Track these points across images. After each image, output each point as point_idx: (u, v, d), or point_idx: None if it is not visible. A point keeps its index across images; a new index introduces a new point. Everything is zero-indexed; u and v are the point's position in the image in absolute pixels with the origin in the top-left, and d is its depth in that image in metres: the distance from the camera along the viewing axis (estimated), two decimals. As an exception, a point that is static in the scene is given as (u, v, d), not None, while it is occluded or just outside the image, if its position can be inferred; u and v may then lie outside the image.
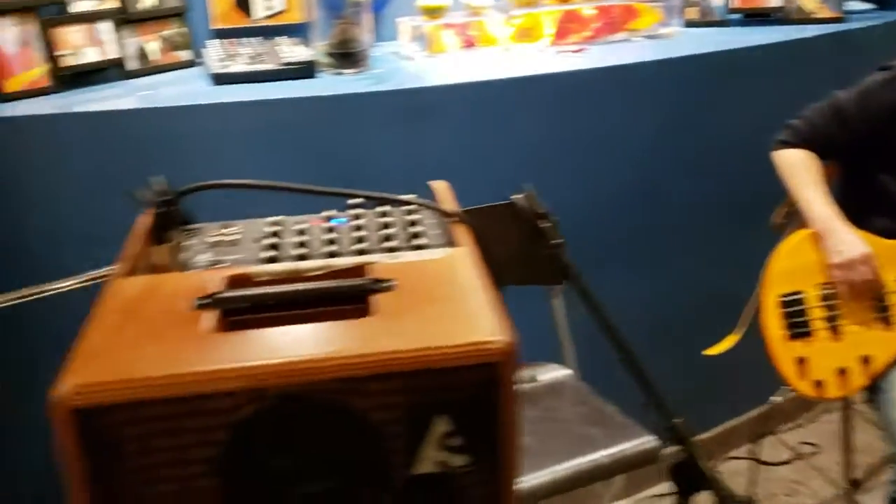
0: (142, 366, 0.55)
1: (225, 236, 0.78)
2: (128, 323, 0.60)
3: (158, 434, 0.55)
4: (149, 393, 0.54)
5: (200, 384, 0.55)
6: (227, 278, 0.66)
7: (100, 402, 0.53)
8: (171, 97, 1.65)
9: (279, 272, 0.67)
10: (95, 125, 1.58)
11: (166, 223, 0.70)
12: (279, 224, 0.80)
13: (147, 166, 1.62)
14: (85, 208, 1.62)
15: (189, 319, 0.61)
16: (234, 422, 0.57)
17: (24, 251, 1.62)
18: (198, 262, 0.72)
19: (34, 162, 1.58)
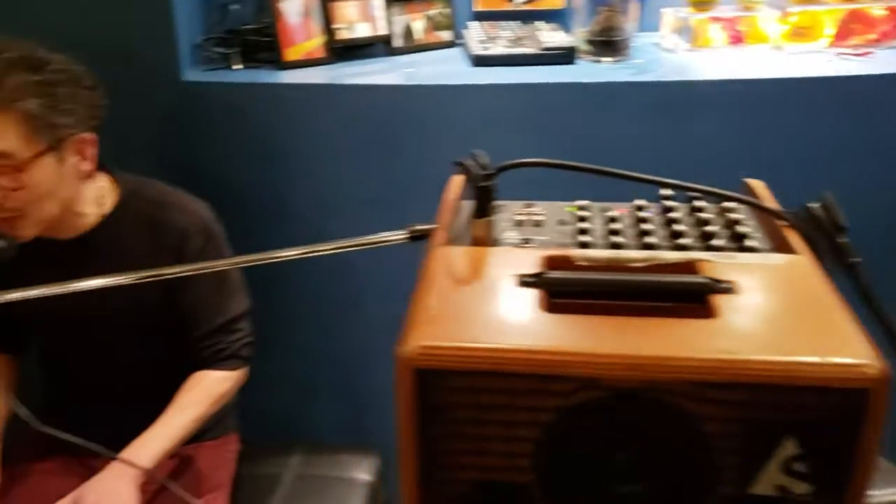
0: (482, 336, 0.55)
1: (529, 216, 0.76)
2: (460, 291, 0.60)
3: (491, 406, 0.55)
4: (490, 364, 0.53)
5: (540, 364, 0.53)
6: (545, 258, 0.65)
7: (442, 366, 0.53)
8: (434, 76, 1.69)
9: (600, 259, 0.64)
10: (363, 97, 1.65)
11: (484, 197, 0.70)
12: (586, 209, 0.77)
13: (405, 140, 1.69)
14: (348, 174, 1.70)
15: (517, 296, 0.60)
16: (564, 407, 0.55)
17: (289, 215, 1.73)
18: (507, 239, 0.71)
19: (306, 128, 1.68)
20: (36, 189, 1.22)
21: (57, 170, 1.24)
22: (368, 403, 1.93)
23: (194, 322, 1.42)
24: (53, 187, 1.25)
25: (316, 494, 1.57)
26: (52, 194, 1.25)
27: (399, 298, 1.91)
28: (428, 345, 0.53)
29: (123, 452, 1.29)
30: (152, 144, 1.68)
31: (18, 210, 1.23)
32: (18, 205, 1.22)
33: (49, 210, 1.27)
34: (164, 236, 1.37)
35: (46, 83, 1.20)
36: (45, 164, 1.22)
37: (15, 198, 1.21)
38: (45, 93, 1.19)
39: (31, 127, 1.19)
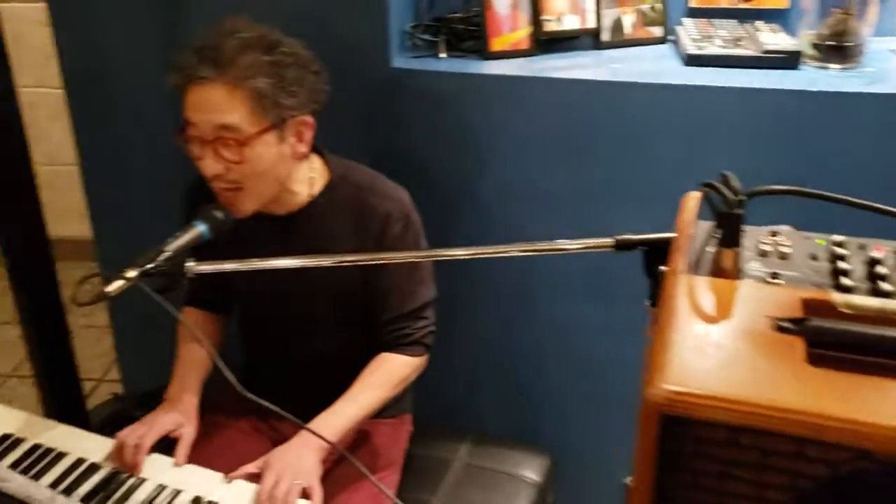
0: (737, 387, 0.51)
1: (775, 245, 0.71)
2: (709, 331, 0.56)
3: (739, 463, 0.51)
4: (745, 419, 0.50)
5: (803, 426, 0.49)
6: (803, 301, 0.59)
7: (692, 415, 0.50)
8: (642, 73, 1.62)
9: (869, 308, 0.58)
10: (567, 92, 1.62)
11: (733, 225, 0.65)
12: (841, 245, 0.70)
13: (606, 139, 1.64)
14: (541, 169, 1.68)
15: (774, 342, 0.55)
16: (827, 475, 0.50)
17: (478, 206, 1.74)
18: (752, 271, 0.66)
19: (505, 120, 1.66)
20: (256, 164, 1.28)
21: (277, 148, 1.30)
22: (538, 403, 1.91)
23: (385, 305, 1.45)
24: (272, 165, 1.30)
25: (483, 486, 1.57)
26: (270, 171, 1.31)
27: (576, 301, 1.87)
28: (678, 391, 0.50)
29: (310, 424, 1.34)
30: (357, 128, 1.72)
31: (238, 183, 1.29)
32: (238, 178, 1.29)
33: (266, 187, 1.33)
34: (367, 220, 1.41)
35: (277, 64, 1.25)
36: (267, 142, 1.28)
37: (236, 170, 1.28)
38: (274, 73, 1.25)
39: (259, 104, 1.24)
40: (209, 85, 1.23)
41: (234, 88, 1.23)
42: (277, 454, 1.31)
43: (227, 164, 1.27)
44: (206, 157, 1.27)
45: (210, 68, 1.22)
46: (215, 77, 1.23)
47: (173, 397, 1.45)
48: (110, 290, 1.10)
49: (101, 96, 1.91)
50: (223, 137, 1.25)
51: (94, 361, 2.81)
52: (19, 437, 1.38)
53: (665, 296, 0.59)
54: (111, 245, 2.07)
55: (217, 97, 1.23)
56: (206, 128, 1.25)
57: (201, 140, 1.27)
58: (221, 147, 1.26)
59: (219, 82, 1.23)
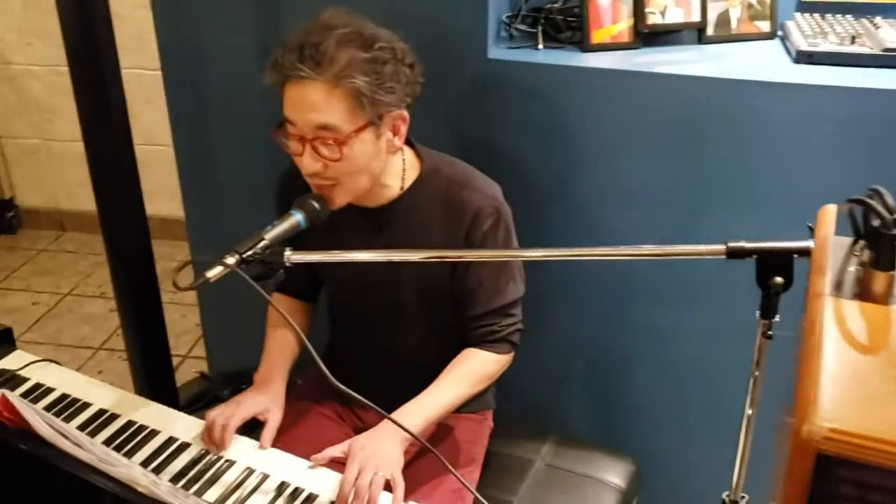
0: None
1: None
2: (867, 363, 0.52)
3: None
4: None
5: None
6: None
7: (854, 457, 0.46)
8: (750, 70, 1.56)
9: None
10: (668, 88, 1.56)
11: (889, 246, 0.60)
12: None
13: (708, 138, 1.58)
14: (639, 167, 1.63)
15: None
16: None
17: (571, 203, 1.70)
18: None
19: (603, 115, 1.62)
20: (354, 162, 1.28)
21: (374, 144, 1.29)
22: (624, 406, 1.86)
23: (473, 301, 1.43)
24: (369, 161, 1.30)
25: (565, 489, 1.55)
26: (366, 167, 1.31)
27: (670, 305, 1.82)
28: (838, 429, 0.46)
29: (394, 415, 1.34)
30: (450, 120, 1.70)
31: (335, 179, 1.30)
32: (336, 175, 1.29)
33: (362, 182, 1.33)
34: (457, 214, 1.39)
35: (375, 61, 1.24)
36: (365, 139, 1.27)
37: (334, 168, 1.28)
38: (372, 70, 1.23)
39: (357, 103, 1.23)
40: (308, 84, 1.22)
41: (333, 87, 1.22)
42: (361, 442, 1.31)
43: (325, 161, 1.27)
44: (305, 154, 1.27)
45: (308, 67, 1.21)
46: (314, 76, 1.22)
47: (262, 380, 1.47)
48: (210, 275, 1.12)
49: (197, 80, 1.94)
50: (322, 136, 1.25)
51: (178, 338, 2.89)
52: (115, 412, 1.41)
53: (810, 320, 0.55)
54: (200, 226, 2.11)
55: (315, 96, 1.22)
56: (304, 127, 1.25)
57: (300, 138, 1.27)
58: (320, 145, 1.26)
59: (318, 81, 1.22)
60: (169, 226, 3.47)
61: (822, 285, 0.60)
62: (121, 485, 0.80)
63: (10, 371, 1.48)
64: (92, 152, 1.61)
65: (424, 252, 1.27)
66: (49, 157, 3.59)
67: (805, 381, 0.49)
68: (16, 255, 3.56)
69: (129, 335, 1.80)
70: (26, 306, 3.17)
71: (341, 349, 1.62)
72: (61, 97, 3.41)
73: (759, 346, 1.01)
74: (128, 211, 1.66)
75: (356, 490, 1.22)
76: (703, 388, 1.74)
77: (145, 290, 1.75)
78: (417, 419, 1.36)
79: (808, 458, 0.47)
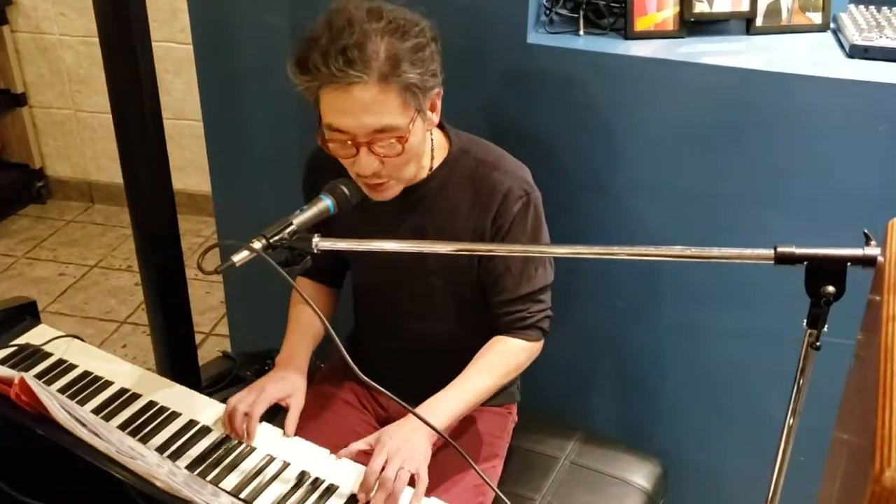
0: None
1: None
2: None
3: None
4: None
5: None
6: None
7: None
8: (800, 63, 1.49)
9: None
10: (714, 79, 1.51)
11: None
12: None
13: (753, 133, 1.51)
14: (679, 161, 1.58)
15: None
16: None
17: (606, 194, 1.65)
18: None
19: (643, 105, 1.57)
20: (410, 153, 1.24)
21: (423, 130, 1.26)
22: (652, 406, 1.82)
23: (502, 287, 1.40)
24: (421, 147, 1.27)
25: (590, 488, 1.51)
26: (417, 154, 1.27)
27: (703, 305, 1.77)
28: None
29: (421, 407, 1.31)
30: (485, 105, 1.66)
31: (390, 175, 1.26)
32: (392, 170, 1.25)
33: (412, 169, 1.30)
34: (486, 196, 1.35)
35: (417, 49, 1.18)
36: (417, 128, 1.23)
37: (391, 164, 1.24)
38: (418, 60, 1.18)
39: (409, 95, 1.19)
40: (357, 87, 1.16)
41: (384, 87, 1.16)
42: (389, 434, 1.28)
43: (382, 159, 1.23)
44: (361, 156, 1.22)
45: (358, 70, 1.14)
46: (364, 78, 1.15)
47: (283, 364, 1.45)
48: (236, 260, 1.09)
49: (228, 56, 1.91)
50: (379, 138, 1.20)
51: (203, 315, 2.89)
52: (136, 392, 1.40)
53: (886, 347, 0.51)
54: (228, 205, 2.08)
55: (367, 99, 1.16)
56: (358, 131, 1.20)
57: (354, 141, 1.21)
58: (377, 146, 1.21)
59: (368, 83, 1.15)
60: (196, 201, 3.47)
61: (892, 308, 0.55)
62: (138, 477, 0.78)
63: (33, 346, 1.48)
64: (120, 124, 1.59)
65: (453, 244, 1.24)
66: (79, 128, 3.59)
67: (884, 418, 0.44)
68: (44, 225, 3.58)
69: (153, 310, 1.79)
70: (53, 277, 3.18)
71: (365, 335, 1.60)
72: (92, 68, 3.40)
73: (804, 356, 0.96)
74: (155, 185, 1.64)
75: (381, 481, 1.20)
76: (734, 391, 1.70)
77: (170, 266, 1.73)
78: (446, 412, 1.33)
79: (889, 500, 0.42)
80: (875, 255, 0.85)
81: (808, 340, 0.94)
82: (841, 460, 0.60)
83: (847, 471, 0.56)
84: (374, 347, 1.56)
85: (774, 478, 1.03)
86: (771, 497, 1.04)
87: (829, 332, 0.96)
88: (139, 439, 1.28)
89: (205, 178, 2.18)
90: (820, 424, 1.05)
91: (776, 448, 1.03)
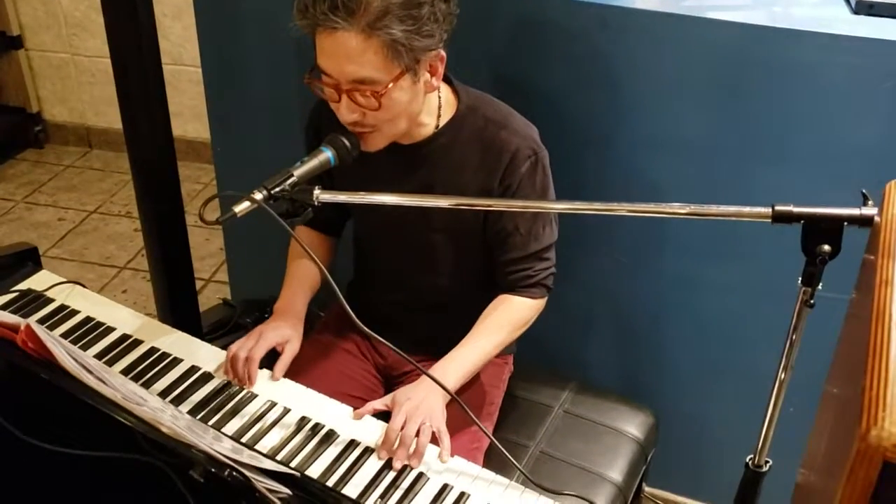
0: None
1: None
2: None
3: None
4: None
5: None
6: None
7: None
8: (805, 19, 1.48)
9: None
10: (719, 35, 1.49)
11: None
12: None
13: (755, 89, 1.51)
14: (682, 116, 1.58)
15: None
16: None
17: (610, 149, 1.65)
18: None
19: (647, 60, 1.56)
20: (392, 109, 1.23)
21: (412, 89, 1.24)
22: (646, 359, 1.85)
23: (509, 245, 1.40)
24: (407, 105, 1.26)
25: (583, 437, 1.55)
26: (404, 112, 1.27)
27: (698, 260, 1.77)
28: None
29: (433, 369, 1.33)
30: (488, 58, 1.64)
31: (374, 126, 1.26)
32: (374, 122, 1.25)
33: (400, 125, 1.29)
34: (494, 154, 1.35)
35: (409, 5, 1.16)
36: (402, 86, 1.22)
37: (372, 116, 1.24)
38: (408, 16, 1.16)
39: (394, 52, 1.17)
40: (341, 34, 1.15)
41: (367, 38, 1.15)
42: (405, 394, 1.29)
43: (363, 110, 1.23)
44: (342, 104, 1.23)
45: (341, 17, 1.14)
46: (347, 26, 1.15)
47: (281, 310, 1.47)
48: (238, 210, 1.10)
49: (227, 2, 1.88)
50: (359, 88, 1.20)
51: (202, 261, 2.90)
52: (138, 338, 1.42)
53: (878, 310, 0.52)
54: (226, 149, 2.08)
55: (350, 47, 1.16)
56: (340, 77, 1.20)
57: (336, 86, 1.22)
58: (357, 96, 1.21)
59: (352, 32, 1.15)
60: (195, 148, 3.46)
61: (893, 271, 0.56)
62: (144, 423, 0.80)
63: (35, 291, 1.49)
64: (118, 68, 1.57)
65: (454, 199, 1.24)
66: (77, 73, 3.56)
67: (873, 379, 0.46)
68: (42, 169, 3.57)
69: (154, 258, 1.80)
70: (52, 221, 3.19)
71: (365, 286, 1.61)
72: (89, 11, 3.35)
73: (797, 313, 0.98)
74: (154, 130, 1.63)
75: (402, 438, 1.22)
76: (728, 345, 1.72)
77: (171, 214, 1.73)
78: (458, 372, 1.35)
79: (874, 464, 0.44)
80: (872, 216, 0.86)
81: (802, 298, 0.95)
82: (830, 416, 0.61)
83: (835, 427, 0.57)
84: (374, 299, 1.57)
85: (763, 432, 1.06)
86: (760, 449, 1.07)
87: (821, 287, 0.97)
88: (141, 385, 1.30)
89: (203, 125, 2.17)
90: (808, 376, 1.07)
91: (767, 401, 1.05)
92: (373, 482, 1.18)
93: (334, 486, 1.16)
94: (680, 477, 1.91)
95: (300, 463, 1.20)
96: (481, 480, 1.20)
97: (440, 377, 1.27)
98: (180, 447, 0.79)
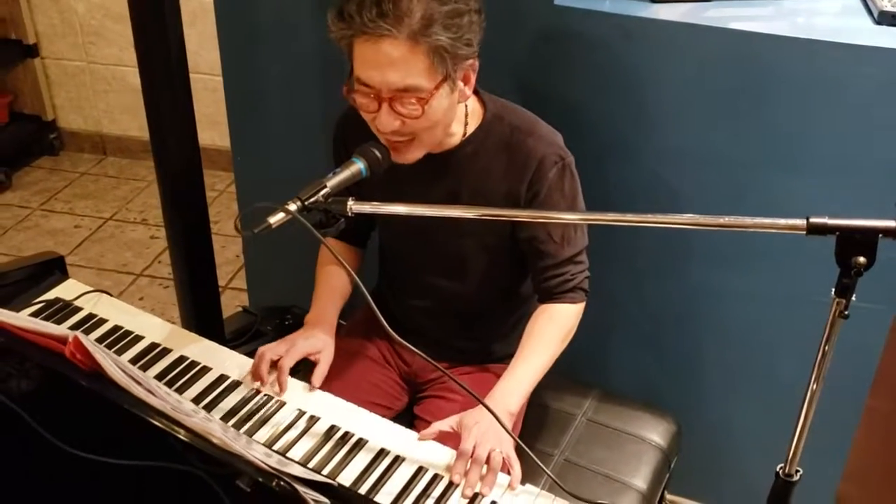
0: None
1: None
2: None
3: None
4: None
5: None
6: None
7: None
8: (828, 30, 1.49)
9: None
10: (742, 45, 1.51)
11: None
12: None
13: (776, 100, 1.52)
14: (703, 126, 1.59)
15: None
16: None
17: (631, 158, 1.66)
18: None
19: (669, 70, 1.57)
20: (431, 117, 1.24)
21: (449, 97, 1.26)
22: (670, 366, 1.86)
23: (544, 253, 1.41)
24: (445, 114, 1.27)
25: (606, 445, 1.55)
26: (442, 120, 1.28)
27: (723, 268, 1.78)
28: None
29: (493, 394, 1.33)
30: (512, 67, 1.66)
31: (412, 135, 1.27)
32: (413, 130, 1.26)
33: (436, 135, 1.30)
34: (520, 161, 1.37)
35: (454, 14, 1.18)
36: (443, 94, 1.23)
37: (411, 125, 1.25)
38: (453, 25, 1.18)
39: (437, 59, 1.19)
40: (388, 41, 1.16)
41: (414, 45, 1.17)
42: (473, 417, 1.27)
43: (403, 119, 1.24)
44: (382, 112, 1.23)
45: (389, 23, 1.15)
46: (395, 33, 1.16)
47: (313, 322, 1.48)
48: (272, 221, 1.11)
49: (249, 11, 1.90)
50: (401, 96, 1.21)
51: (218, 269, 2.88)
52: (166, 347, 1.43)
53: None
54: (246, 159, 2.10)
55: (395, 55, 1.17)
56: (382, 86, 1.21)
57: (375, 96, 1.22)
58: (399, 104, 1.22)
59: (399, 39, 1.16)
60: (210, 155, 3.46)
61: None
62: (195, 434, 0.81)
63: (63, 300, 1.50)
64: (147, 80, 1.58)
65: (484, 209, 1.27)
66: (92, 81, 3.58)
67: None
68: (58, 176, 3.59)
69: (178, 266, 1.82)
70: (69, 229, 3.21)
71: (390, 293, 1.62)
72: (105, 19, 3.38)
73: (830, 324, 0.98)
74: (182, 142, 1.65)
75: (474, 460, 1.21)
76: (750, 353, 1.73)
77: (196, 223, 1.75)
78: (518, 393, 1.35)
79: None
80: (907, 228, 0.87)
81: (835, 309, 0.96)
82: (879, 430, 0.62)
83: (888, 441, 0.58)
84: (399, 305, 1.58)
85: (794, 441, 1.06)
86: (791, 458, 1.08)
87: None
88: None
89: (219, 133, 2.19)
90: (829, 379, 1.07)
91: (794, 410, 1.05)
92: (404, 490, 1.19)
93: (367, 493, 1.17)
94: (702, 484, 1.92)
95: (331, 472, 1.21)
96: (509, 488, 1.21)
97: (502, 399, 1.28)
98: (228, 457, 0.80)
